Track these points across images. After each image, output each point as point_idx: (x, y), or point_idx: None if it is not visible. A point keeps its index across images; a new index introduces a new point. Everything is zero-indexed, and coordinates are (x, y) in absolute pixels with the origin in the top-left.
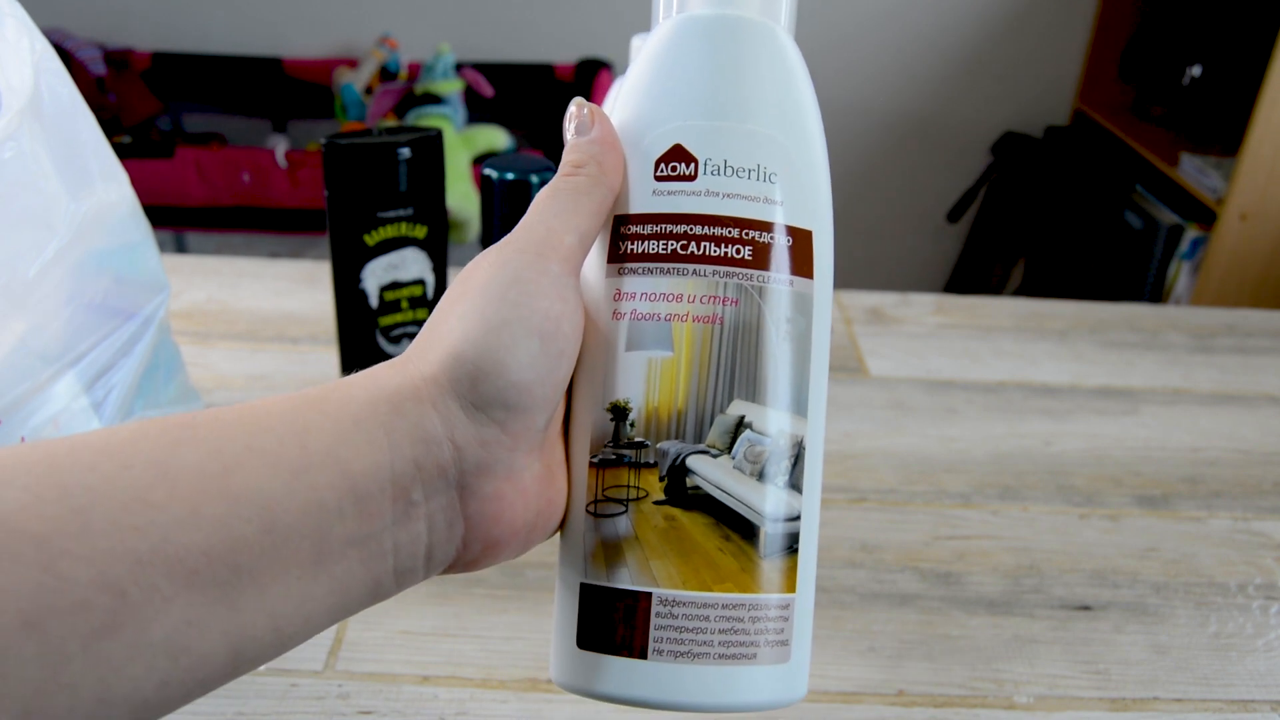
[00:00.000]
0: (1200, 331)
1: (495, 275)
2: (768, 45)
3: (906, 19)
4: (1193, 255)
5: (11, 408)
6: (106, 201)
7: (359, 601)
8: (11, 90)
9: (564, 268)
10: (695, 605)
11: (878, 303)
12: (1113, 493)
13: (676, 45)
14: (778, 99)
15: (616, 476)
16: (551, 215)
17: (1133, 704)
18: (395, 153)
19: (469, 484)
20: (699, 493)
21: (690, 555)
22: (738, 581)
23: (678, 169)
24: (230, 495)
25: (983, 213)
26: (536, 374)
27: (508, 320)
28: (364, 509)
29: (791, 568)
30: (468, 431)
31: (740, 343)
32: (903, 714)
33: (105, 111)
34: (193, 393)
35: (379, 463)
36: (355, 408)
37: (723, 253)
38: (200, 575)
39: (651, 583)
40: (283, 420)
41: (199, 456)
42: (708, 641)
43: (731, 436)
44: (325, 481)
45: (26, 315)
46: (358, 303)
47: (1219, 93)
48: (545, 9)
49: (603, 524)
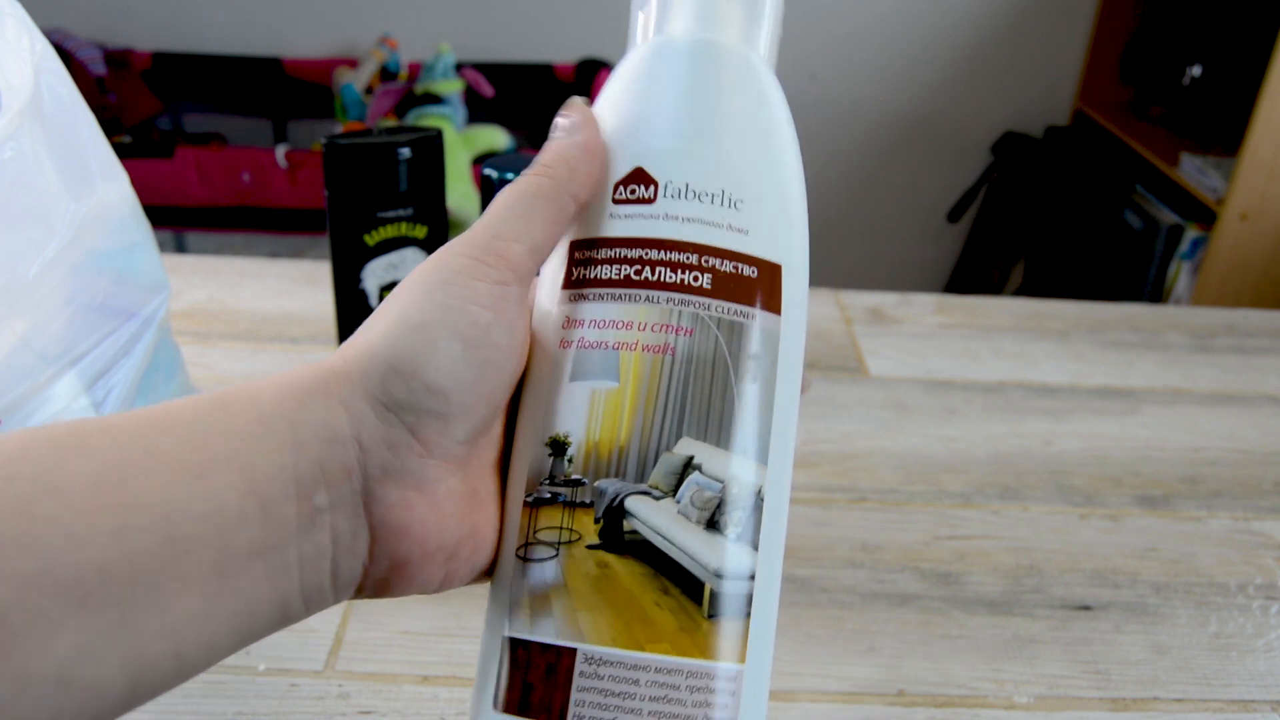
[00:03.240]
0: (1200, 331)
1: (427, 276)
2: (743, 73)
3: (906, 19)
4: (1193, 255)
5: (11, 408)
6: (106, 201)
7: (266, 623)
8: (11, 90)
9: (504, 275)
10: (624, 666)
11: (878, 303)
12: (1113, 493)
13: (648, 69)
14: (751, 128)
15: (550, 517)
16: (502, 220)
17: (1133, 704)
18: (395, 153)
19: (373, 490)
20: (636, 538)
21: (622, 609)
22: (675, 643)
23: (637, 192)
24: (127, 504)
25: (983, 213)
26: (455, 379)
27: (429, 321)
28: (268, 514)
29: (742, 634)
30: (374, 431)
31: (693, 377)
32: (903, 714)
33: (105, 111)
34: (193, 392)
35: (283, 463)
36: (262, 404)
37: (678, 279)
38: (94, 596)
39: (577, 637)
40: (185, 421)
41: (93, 465)
42: (636, 710)
43: (678, 478)
44: (227, 484)
45: (26, 315)
46: (358, 303)
47: (1219, 93)
48: (545, 9)
49: (531, 569)
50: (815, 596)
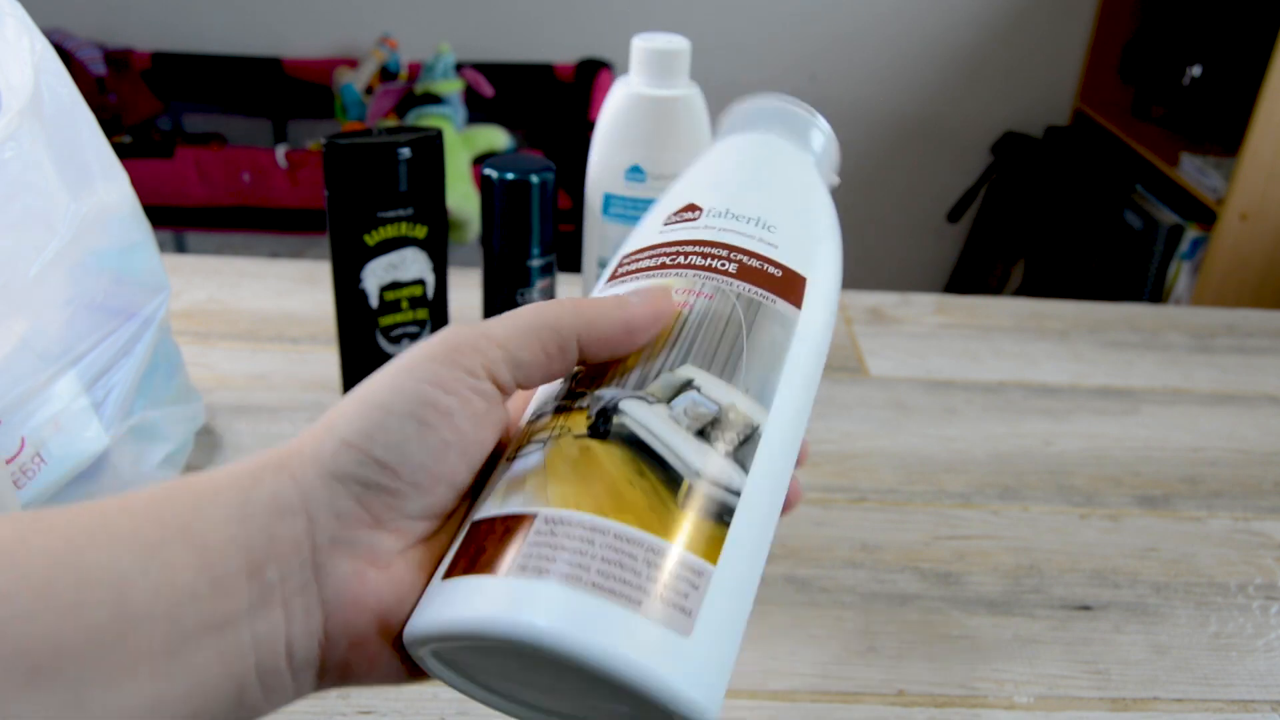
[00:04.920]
0: (1200, 331)
1: (402, 360)
2: (797, 164)
3: (906, 19)
4: (1193, 255)
5: (11, 408)
6: (106, 201)
7: (222, 709)
8: (11, 90)
9: (477, 370)
10: (582, 527)
11: (878, 303)
12: (1113, 493)
13: (718, 150)
14: (796, 202)
15: (545, 424)
16: (500, 324)
17: (1133, 704)
18: (395, 153)
19: (323, 561)
20: (624, 431)
21: (593, 482)
22: (640, 518)
23: (684, 216)
24: (81, 578)
25: (983, 213)
26: (404, 457)
27: (388, 401)
28: (219, 588)
29: (716, 538)
30: (321, 500)
31: (706, 327)
32: (903, 714)
33: (105, 111)
34: (193, 393)
35: (232, 535)
36: (218, 481)
37: (708, 264)
38: (43, 673)
39: (543, 504)
40: (143, 499)
41: (50, 541)
42: (584, 566)
43: (675, 391)
44: (180, 558)
45: (26, 315)
46: (358, 303)
47: (1219, 93)
48: (545, 9)
49: (515, 464)
50: (815, 596)
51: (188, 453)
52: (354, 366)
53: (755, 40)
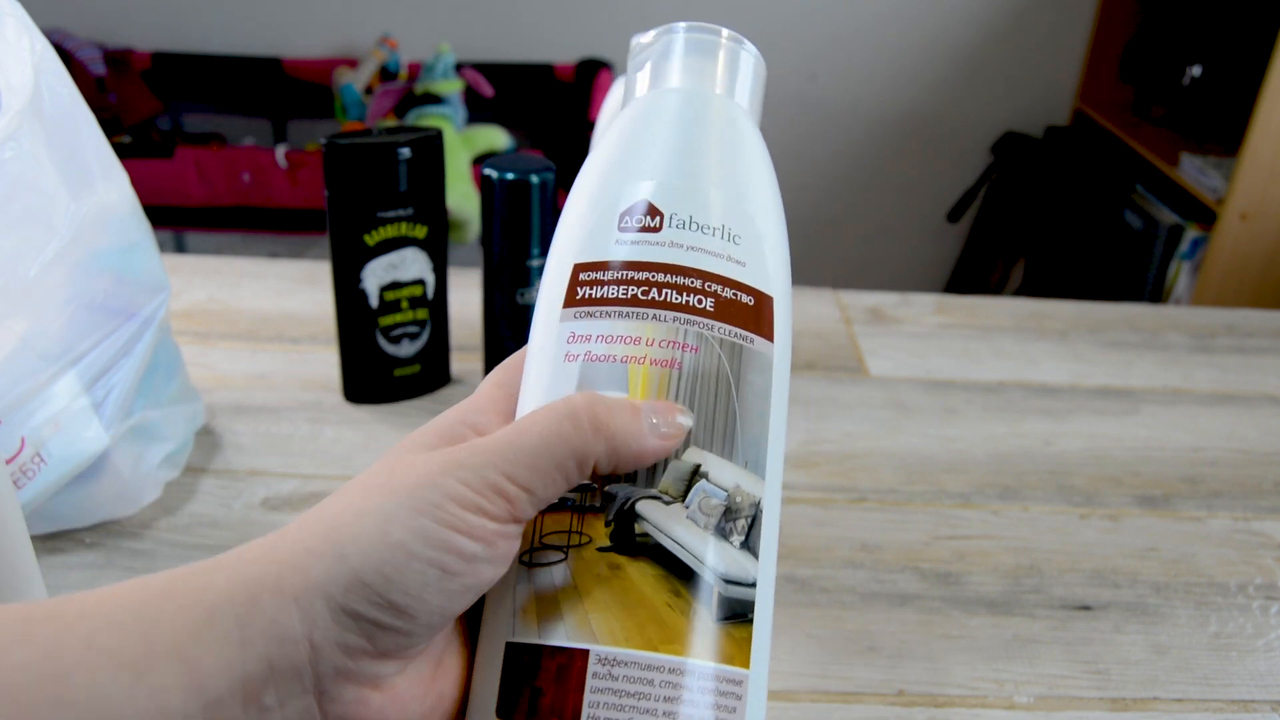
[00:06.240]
0: (1200, 331)
1: (416, 492)
2: (734, 122)
3: (906, 19)
4: (1193, 255)
5: (11, 408)
6: (106, 201)
7: None
8: (11, 90)
9: (504, 516)
10: (639, 666)
11: (878, 303)
12: (1113, 493)
13: (649, 115)
14: (743, 174)
15: (557, 522)
16: (521, 460)
17: (1133, 704)
18: (395, 153)
19: (326, 688)
20: (649, 541)
21: (635, 609)
22: (687, 645)
23: (643, 221)
24: (65, 702)
25: (983, 213)
26: (424, 603)
27: (409, 543)
28: (213, 715)
29: (745, 639)
30: (328, 634)
31: (699, 391)
32: (903, 714)
33: (105, 111)
34: (193, 393)
35: (229, 661)
36: (211, 596)
37: (684, 301)
38: None
39: (590, 639)
40: (130, 611)
41: (33, 655)
42: (651, 710)
43: (686, 485)
44: (171, 683)
45: (26, 315)
46: (358, 303)
47: (1219, 93)
48: (545, 9)
49: (538, 574)
50: (815, 596)
51: (188, 453)
52: (354, 366)
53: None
